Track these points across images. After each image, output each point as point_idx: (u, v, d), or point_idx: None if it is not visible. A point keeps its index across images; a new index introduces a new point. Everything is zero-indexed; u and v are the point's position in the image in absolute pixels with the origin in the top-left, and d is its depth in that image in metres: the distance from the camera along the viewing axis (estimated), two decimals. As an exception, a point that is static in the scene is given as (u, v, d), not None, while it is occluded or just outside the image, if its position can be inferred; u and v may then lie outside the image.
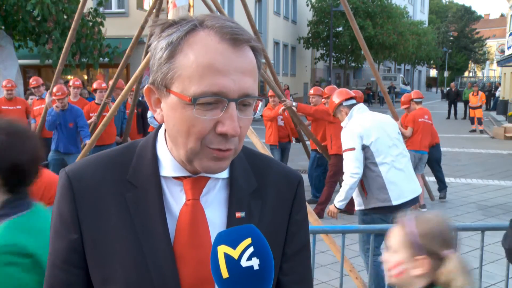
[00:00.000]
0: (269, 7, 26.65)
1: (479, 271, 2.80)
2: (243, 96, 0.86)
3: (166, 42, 0.86)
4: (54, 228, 0.96)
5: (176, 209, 0.94)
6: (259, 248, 0.81)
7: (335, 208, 3.97)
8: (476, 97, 17.69)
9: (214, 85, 0.83)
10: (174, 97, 0.86)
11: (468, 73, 71.58)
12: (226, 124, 0.84)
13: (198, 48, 0.84)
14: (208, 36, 0.85)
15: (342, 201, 3.92)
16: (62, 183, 0.95)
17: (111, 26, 14.25)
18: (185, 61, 0.84)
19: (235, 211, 0.95)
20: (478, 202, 7.67)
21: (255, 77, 0.89)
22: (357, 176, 3.75)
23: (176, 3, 4.56)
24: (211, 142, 0.86)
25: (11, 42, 11.20)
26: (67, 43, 7.12)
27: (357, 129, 3.79)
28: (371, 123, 3.86)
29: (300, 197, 1.06)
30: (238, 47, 0.85)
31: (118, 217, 0.92)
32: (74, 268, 0.94)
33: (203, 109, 0.84)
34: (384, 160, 3.76)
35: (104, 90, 7.40)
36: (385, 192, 3.72)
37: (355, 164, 3.74)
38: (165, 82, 0.87)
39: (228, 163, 0.91)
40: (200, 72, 0.83)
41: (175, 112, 0.86)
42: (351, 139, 3.79)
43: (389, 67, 46.49)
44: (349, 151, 3.79)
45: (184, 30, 0.86)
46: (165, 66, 0.86)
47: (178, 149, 0.90)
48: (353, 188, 3.81)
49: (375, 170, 3.75)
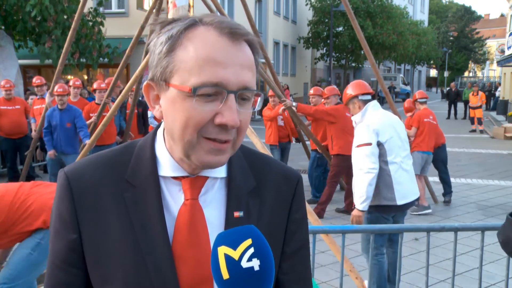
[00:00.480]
0: (269, 7, 26.65)
1: (479, 271, 2.80)
2: (242, 88, 0.86)
3: (166, 37, 0.88)
4: (53, 228, 0.96)
5: (174, 209, 0.94)
6: (259, 249, 0.81)
7: (359, 211, 3.76)
8: (476, 97, 17.70)
9: (214, 76, 0.84)
10: (174, 90, 0.87)
11: (468, 73, 71.58)
12: (226, 115, 0.85)
13: (198, 41, 0.85)
14: (207, 31, 0.86)
15: (364, 202, 3.71)
16: (61, 183, 0.95)
17: (111, 26, 14.25)
18: (184, 54, 0.85)
19: (233, 211, 0.95)
20: (478, 202, 7.67)
21: (253, 71, 0.90)
22: (374, 171, 3.66)
23: (176, 3, 4.56)
24: (209, 132, 0.86)
25: (11, 42, 11.19)
26: (67, 43, 7.12)
27: (373, 125, 3.75)
28: (386, 121, 3.83)
29: (299, 196, 1.06)
30: (236, 41, 0.87)
31: (117, 217, 0.92)
32: (73, 268, 0.94)
33: (202, 100, 0.85)
34: (394, 160, 3.74)
35: (103, 90, 7.39)
36: (391, 192, 3.70)
37: (372, 159, 3.68)
38: (165, 76, 0.88)
39: (226, 157, 0.91)
40: (200, 64, 0.84)
41: (175, 105, 0.87)
42: (368, 134, 3.73)
43: (389, 67, 46.48)
44: (365, 146, 3.71)
45: (184, 24, 0.88)
46: (165, 60, 0.87)
47: (176, 144, 0.90)
48: (372, 184, 3.66)
49: (385, 168, 3.72)
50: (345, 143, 6.59)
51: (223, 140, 0.87)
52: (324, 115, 6.69)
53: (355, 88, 4.01)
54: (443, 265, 4.87)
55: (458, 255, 4.30)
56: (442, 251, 5.30)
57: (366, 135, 3.73)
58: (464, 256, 5.16)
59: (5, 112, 7.98)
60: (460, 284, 4.40)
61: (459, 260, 4.87)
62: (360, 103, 3.96)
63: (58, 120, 6.68)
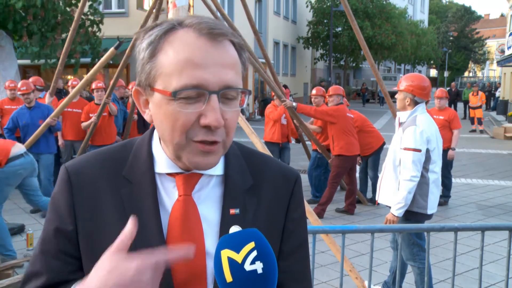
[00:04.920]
0: (269, 7, 26.63)
1: (479, 271, 2.80)
2: (224, 88, 0.87)
3: (146, 42, 0.90)
4: (50, 219, 0.98)
5: (169, 205, 0.95)
6: (262, 251, 0.82)
7: (394, 217, 3.68)
8: (476, 97, 17.70)
9: (193, 78, 0.85)
10: (158, 94, 0.88)
11: (468, 73, 71.55)
12: (209, 116, 0.85)
13: (177, 45, 0.87)
14: (186, 33, 0.87)
15: (401, 208, 3.64)
16: (61, 177, 0.98)
17: (111, 26, 14.23)
18: (165, 59, 0.87)
19: (229, 208, 0.96)
20: (478, 202, 7.67)
21: (237, 70, 0.90)
22: (416, 179, 3.59)
23: (176, 3, 4.56)
24: (196, 134, 0.87)
25: (11, 42, 11.16)
26: (67, 43, 7.11)
27: (427, 132, 3.65)
28: (433, 128, 3.74)
29: (297, 195, 1.06)
30: (215, 41, 0.87)
31: (113, 211, 0.94)
32: (69, 258, 0.96)
33: (185, 103, 0.86)
34: (434, 169, 3.70)
35: (101, 90, 7.37)
36: (425, 200, 3.66)
37: (417, 167, 3.60)
38: (149, 81, 0.90)
39: (217, 158, 0.91)
40: (179, 68, 0.85)
41: (160, 109, 0.89)
42: (420, 140, 3.61)
43: (389, 67, 46.47)
44: (414, 152, 3.60)
45: (163, 29, 0.89)
46: (148, 65, 0.89)
47: (167, 146, 0.92)
48: (411, 192, 3.61)
49: (425, 176, 3.66)
50: (346, 144, 6.60)
51: (211, 141, 0.88)
52: (324, 116, 6.69)
53: (419, 85, 3.75)
54: (443, 265, 4.87)
55: (458, 255, 4.31)
56: (442, 251, 5.30)
57: (419, 141, 3.61)
58: (464, 256, 5.16)
59: (9, 111, 7.97)
60: (460, 284, 4.39)
61: (459, 260, 4.87)
62: (413, 102, 3.78)
63: (29, 118, 6.48)
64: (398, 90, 3.83)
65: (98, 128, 7.23)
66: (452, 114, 7.32)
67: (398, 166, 3.74)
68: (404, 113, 3.80)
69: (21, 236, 5.72)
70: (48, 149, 6.56)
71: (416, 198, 3.66)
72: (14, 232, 5.73)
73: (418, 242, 3.71)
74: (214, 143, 0.88)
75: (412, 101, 3.76)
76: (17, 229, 5.80)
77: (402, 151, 3.68)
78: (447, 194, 7.49)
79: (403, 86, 3.79)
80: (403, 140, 3.70)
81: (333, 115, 6.60)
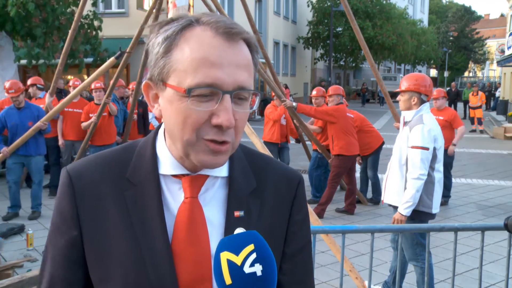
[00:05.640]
0: (269, 7, 26.64)
1: (479, 271, 2.80)
2: (237, 89, 0.87)
3: (162, 37, 0.89)
4: (54, 224, 0.97)
5: (174, 207, 0.94)
6: (261, 254, 0.82)
7: (402, 216, 3.66)
8: (476, 97, 17.70)
9: (208, 77, 0.84)
10: (171, 90, 0.88)
11: (468, 73, 71.53)
12: (221, 115, 0.85)
13: (193, 42, 0.86)
14: (203, 31, 0.87)
15: (409, 207, 3.62)
16: (63, 181, 0.97)
17: (111, 26, 14.23)
18: (180, 55, 0.86)
19: (233, 210, 0.96)
20: (478, 202, 7.67)
21: (250, 71, 0.90)
22: (424, 178, 3.59)
23: (176, 3, 4.56)
24: (207, 133, 0.87)
25: (11, 43, 11.14)
26: (67, 44, 7.11)
27: (434, 130, 3.66)
28: (438, 127, 3.75)
29: (300, 197, 1.06)
30: (232, 41, 0.87)
31: (117, 214, 0.93)
32: (74, 265, 0.95)
33: (198, 101, 0.85)
34: (439, 168, 3.70)
35: (100, 90, 7.37)
36: (430, 199, 3.66)
37: (425, 165, 3.59)
38: (162, 76, 0.89)
39: (225, 158, 0.91)
40: (195, 65, 0.85)
41: (172, 105, 0.88)
42: (428, 138, 3.61)
43: (389, 67, 46.47)
44: (422, 150, 3.60)
45: (181, 25, 0.88)
46: (162, 60, 0.88)
47: (176, 143, 0.91)
48: (419, 191, 3.59)
49: (431, 175, 3.66)
50: (346, 143, 6.60)
51: (221, 141, 0.87)
52: (324, 115, 6.69)
53: (423, 84, 3.76)
54: (443, 265, 4.87)
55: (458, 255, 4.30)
56: (442, 251, 5.30)
57: (427, 139, 3.61)
58: (464, 256, 5.16)
59: None
60: (460, 284, 4.39)
61: (459, 260, 4.87)
62: (419, 102, 3.76)
63: (18, 119, 6.26)
64: (401, 91, 3.81)
65: (98, 128, 7.23)
66: (452, 114, 7.32)
67: (403, 165, 3.73)
68: (410, 112, 3.79)
69: (21, 236, 5.71)
70: (37, 151, 6.38)
71: (422, 197, 3.65)
72: (14, 232, 5.73)
73: (422, 242, 3.70)
74: (224, 143, 0.88)
75: (418, 100, 3.75)
76: (17, 229, 5.80)
77: (410, 149, 3.67)
78: (447, 194, 7.48)
79: (407, 86, 3.78)
80: (410, 138, 3.68)
81: (333, 115, 6.60)
